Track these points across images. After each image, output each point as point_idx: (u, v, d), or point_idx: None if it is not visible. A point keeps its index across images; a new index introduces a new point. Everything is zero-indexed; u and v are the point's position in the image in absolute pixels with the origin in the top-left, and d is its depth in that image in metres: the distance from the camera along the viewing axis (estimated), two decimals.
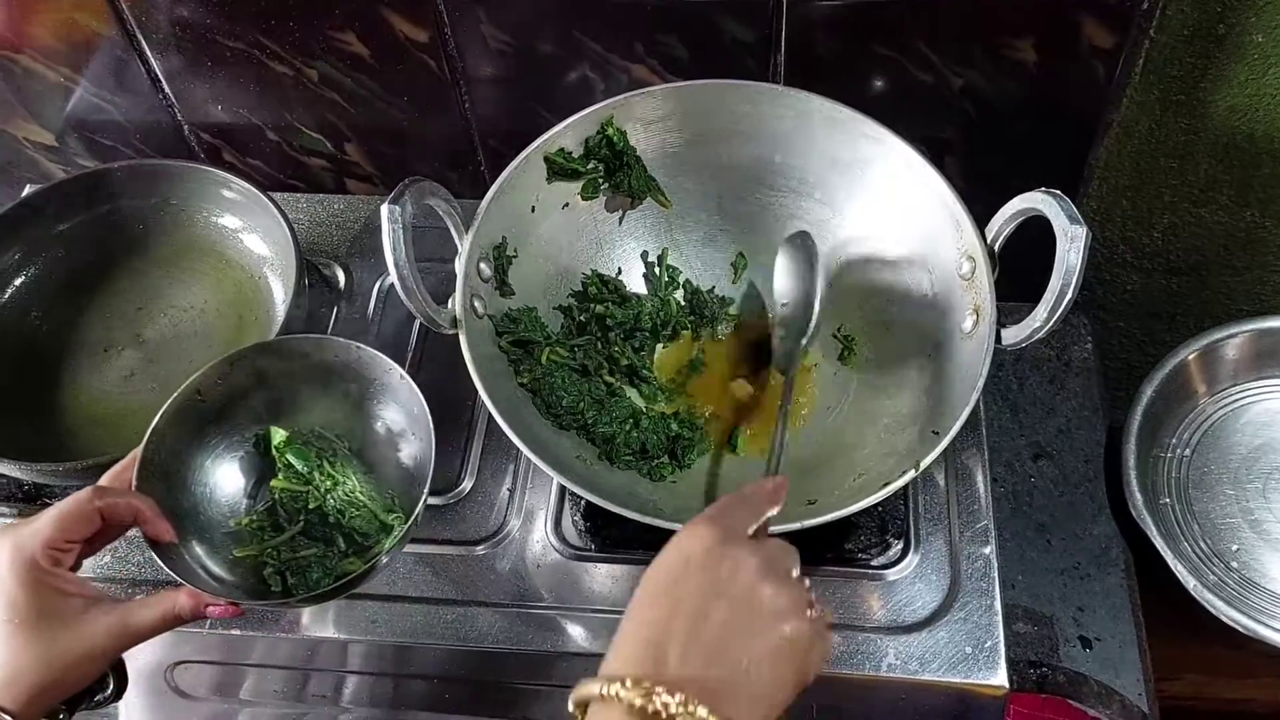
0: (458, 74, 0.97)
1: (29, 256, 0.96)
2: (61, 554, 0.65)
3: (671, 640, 0.52)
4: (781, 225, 0.91)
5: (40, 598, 0.64)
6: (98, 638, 0.65)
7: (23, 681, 0.63)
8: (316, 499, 0.78)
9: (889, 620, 0.80)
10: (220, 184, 0.96)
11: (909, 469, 0.71)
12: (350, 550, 0.78)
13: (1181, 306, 1.15)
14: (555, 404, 0.81)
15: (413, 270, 0.74)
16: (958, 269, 0.80)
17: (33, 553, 0.64)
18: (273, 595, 0.76)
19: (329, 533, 0.79)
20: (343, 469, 0.79)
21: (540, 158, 0.84)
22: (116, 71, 1.01)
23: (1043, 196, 0.71)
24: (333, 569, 0.77)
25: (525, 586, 0.83)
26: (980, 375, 0.72)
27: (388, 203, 0.72)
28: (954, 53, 0.89)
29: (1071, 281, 0.69)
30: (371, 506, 0.78)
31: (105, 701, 0.85)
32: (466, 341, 0.76)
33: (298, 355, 0.80)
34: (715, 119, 0.86)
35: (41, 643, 0.63)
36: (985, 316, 0.76)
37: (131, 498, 0.70)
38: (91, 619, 0.65)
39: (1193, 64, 0.91)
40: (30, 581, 0.64)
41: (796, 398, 0.87)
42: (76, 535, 0.66)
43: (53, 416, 0.90)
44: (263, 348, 0.80)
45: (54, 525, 0.65)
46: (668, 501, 0.80)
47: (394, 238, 0.72)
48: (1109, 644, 0.93)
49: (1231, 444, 1.03)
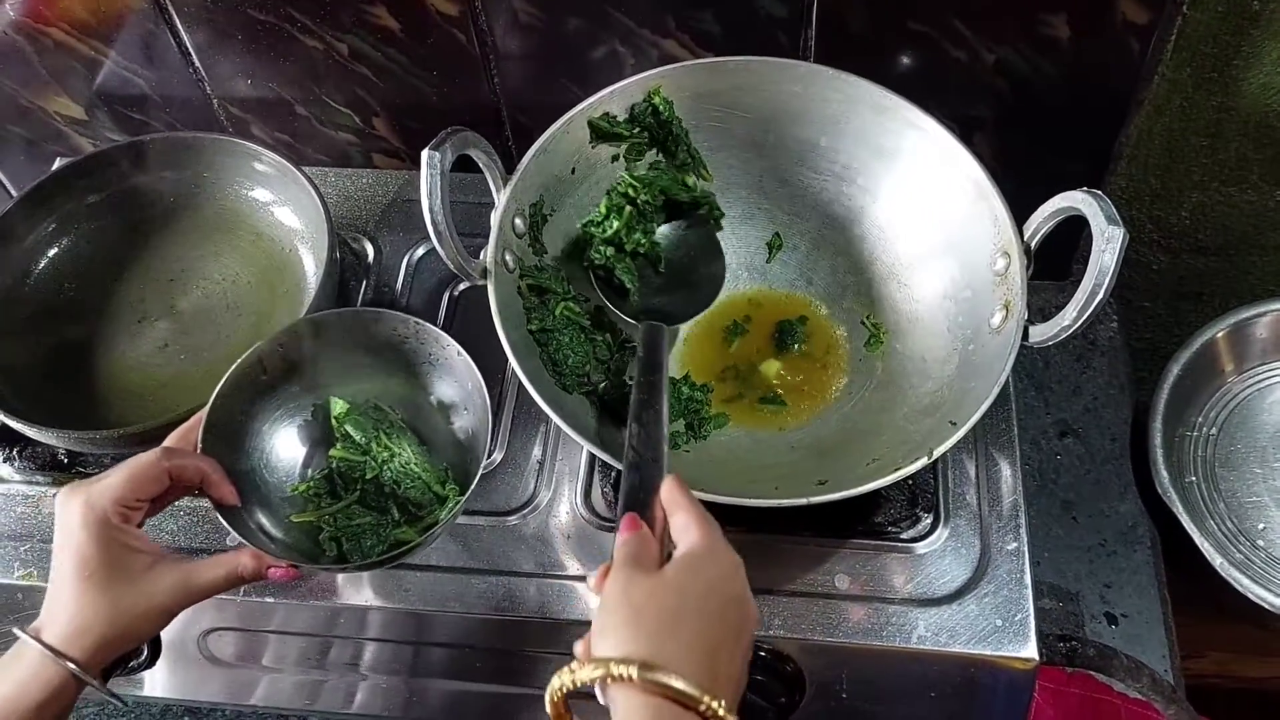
0: (487, 48, 0.97)
1: (62, 228, 0.96)
2: (130, 511, 0.67)
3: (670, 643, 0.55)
4: (821, 209, 0.91)
5: (109, 553, 0.65)
6: (163, 594, 0.66)
7: (91, 633, 0.64)
8: (373, 469, 0.79)
9: (919, 593, 0.80)
10: (252, 157, 0.96)
11: (922, 456, 0.71)
12: (404, 520, 0.80)
13: (1209, 286, 1.15)
14: (561, 362, 0.82)
15: (448, 217, 0.75)
16: (991, 264, 0.79)
17: (103, 509, 0.65)
18: (328, 560, 0.77)
19: (384, 502, 0.80)
20: (398, 441, 0.80)
21: (584, 121, 0.84)
22: (147, 44, 1.02)
23: (1083, 196, 0.71)
24: (386, 537, 0.78)
25: (554, 556, 0.84)
26: (1004, 371, 0.72)
27: (428, 149, 0.73)
28: (988, 29, 0.88)
29: (1104, 282, 0.69)
30: (426, 478, 0.79)
31: (139, 667, 0.86)
32: (494, 294, 0.77)
33: (357, 328, 0.81)
34: (763, 97, 0.86)
35: (109, 596, 0.65)
36: (1015, 313, 0.76)
37: (198, 460, 0.72)
38: (158, 575, 0.67)
39: (1226, 41, 0.91)
40: (100, 537, 0.65)
41: (823, 380, 0.88)
42: (145, 494, 0.68)
43: (87, 386, 0.91)
44: (323, 319, 0.81)
45: (124, 483, 0.66)
46: (686, 474, 0.81)
47: (431, 183, 0.73)
48: (1135, 620, 0.93)
49: (1259, 423, 1.03)
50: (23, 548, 0.86)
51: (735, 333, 0.91)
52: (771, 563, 0.82)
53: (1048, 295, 1.04)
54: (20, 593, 0.85)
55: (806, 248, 0.92)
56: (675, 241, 0.88)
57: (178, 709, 0.98)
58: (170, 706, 0.98)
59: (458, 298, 0.99)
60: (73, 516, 0.65)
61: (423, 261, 1.02)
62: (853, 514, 0.83)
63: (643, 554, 0.59)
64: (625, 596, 0.57)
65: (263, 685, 0.89)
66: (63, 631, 0.64)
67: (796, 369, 0.89)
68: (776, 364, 0.89)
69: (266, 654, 0.87)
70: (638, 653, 0.54)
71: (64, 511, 0.66)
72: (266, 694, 0.89)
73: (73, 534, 0.65)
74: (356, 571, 0.83)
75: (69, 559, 0.65)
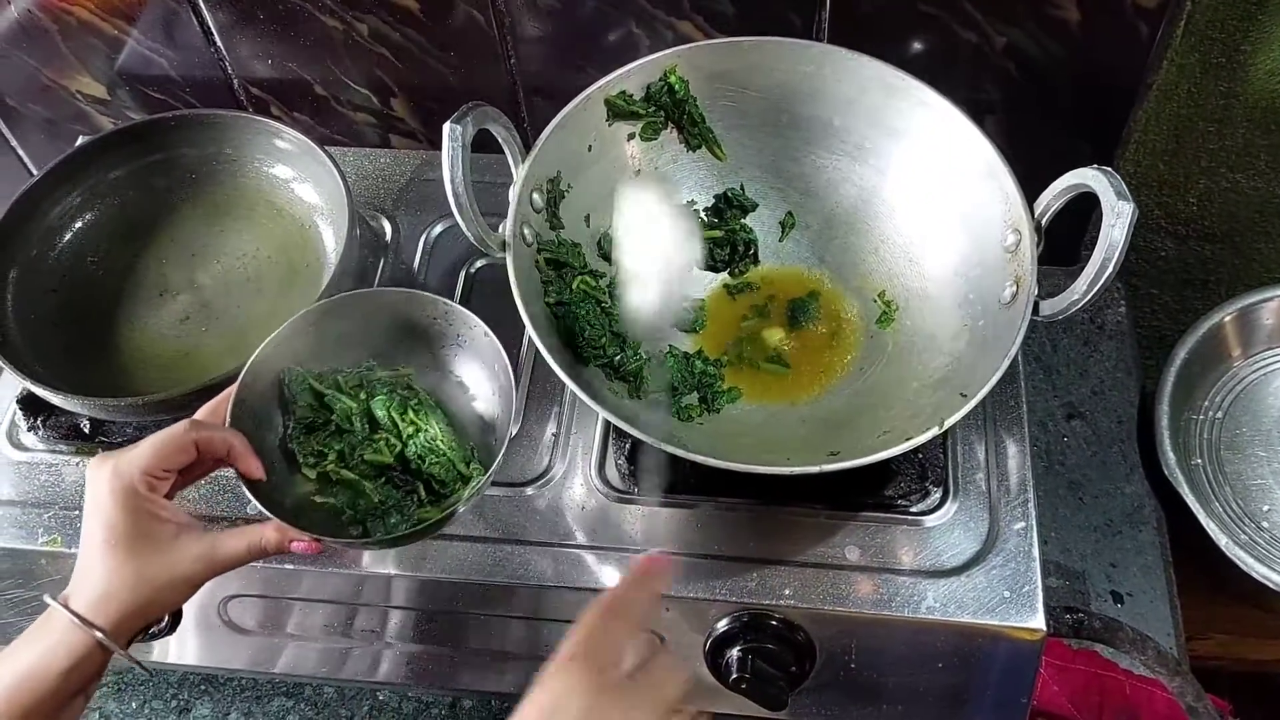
0: (504, 29, 0.99)
1: (86, 202, 0.98)
2: (158, 481, 0.68)
3: None
4: (834, 189, 0.92)
5: (136, 521, 0.66)
6: (188, 563, 0.67)
7: (115, 600, 0.65)
8: (398, 444, 0.80)
9: (928, 565, 0.81)
10: (272, 134, 0.97)
11: (933, 426, 0.72)
12: (429, 498, 0.80)
13: (1215, 273, 1.16)
14: (578, 334, 0.83)
15: (468, 189, 0.76)
16: (1002, 240, 0.80)
17: (131, 478, 0.66)
18: (351, 536, 0.78)
19: (409, 479, 0.81)
20: (425, 418, 0.81)
21: (601, 99, 0.86)
22: (169, 24, 1.03)
23: (1093, 173, 0.72)
24: (410, 515, 0.79)
25: (569, 527, 0.85)
26: (1014, 344, 0.73)
27: (450, 122, 0.74)
28: (998, 11, 0.90)
29: (1114, 256, 0.70)
30: (451, 456, 0.80)
31: (160, 634, 0.88)
32: (513, 266, 0.78)
33: (387, 306, 0.83)
34: (777, 77, 0.87)
35: (135, 564, 0.66)
36: (1025, 288, 0.76)
37: (225, 432, 0.72)
38: (183, 545, 0.67)
39: (1235, 26, 0.92)
40: (128, 505, 0.66)
41: (834, 356, 0.89)
42: (173, 464, 0.68)
43: (110, 357, 0.93)
44: (352, 299, 0.82)
45: (152, 453, 0.67)
46: (699, 445, 0.82)
47: (453, 155, 0.74)
48: (1140, 599, 0.94)
49: (1264, 407, 1.04)
50: (46, 514, 0.88)
51: (748, 309, 0.92)
52: (783, 535, 0.83)
53: (1057, 280, 1.05)
54: (44, 559, 0.86)
55: (819, 226, 0.93)
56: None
57: (195, 677, 1.00)
58: (188, 675, 1.00)
59: (474, 274, 1.00)
60: (101, 485, 0.66)
61: (440, 240, 1.03)
62: (863, 487, 0.84)
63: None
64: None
65: (282, 654, 0.90)
66: (90, 599, 0.65)
67: (808, 344, 0.90)
68: (780, 331, 0.90)
69: (286, 622, 0.88)
70: None
71: (93, 481, 0.67)
72: (285, 662, 0.90)
73: (101, 503, 0.66)
74: (377, 548, 0.84)
75: (97, 528, 0.66)
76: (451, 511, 0.76)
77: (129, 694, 0.99)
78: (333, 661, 0.90)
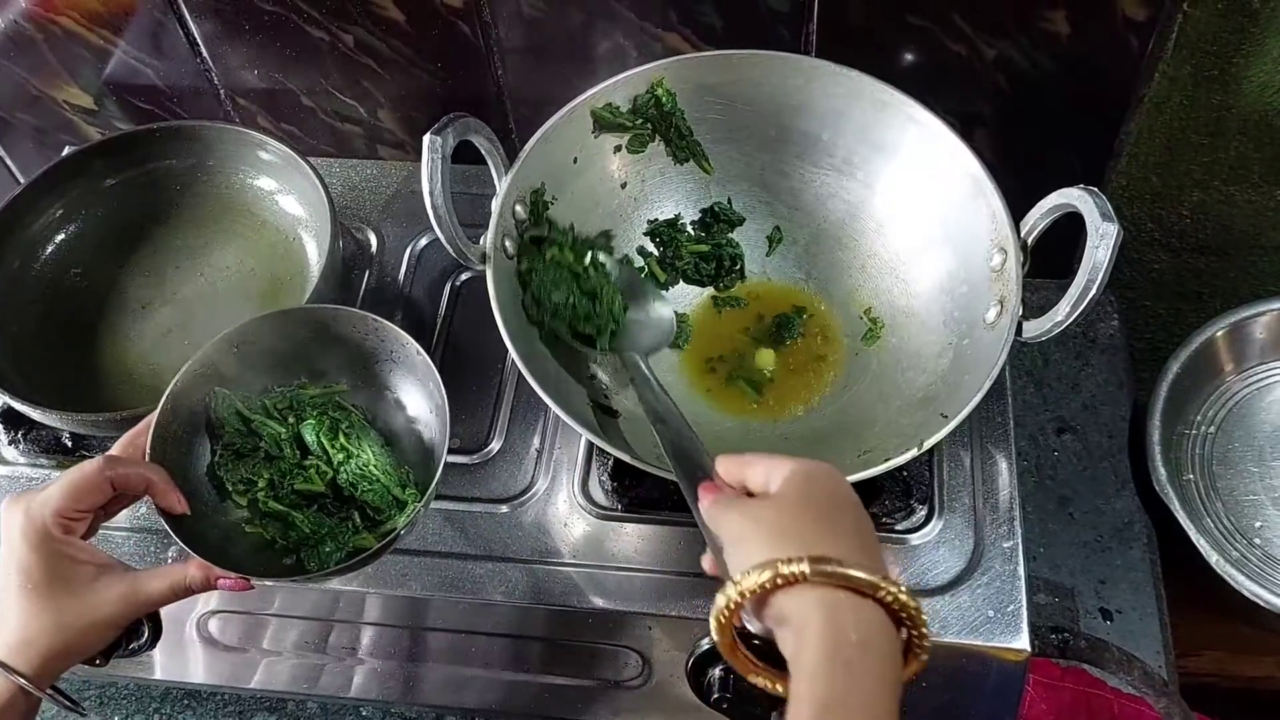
0: (491, 40, 0.98)
1: (69, 214, 0.98)
2: (72, 522, 0.66)
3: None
4: (822, 204, 0.91)
5: (52, 564, 0.64)
6: (108, 605, 0.66)
7: (36, 645, 0.64)
8: (329, 471, 0.78)
9: (912, 583, 0.80)
10: (256, 146, 0.97)
11: (912, 447, 0.72)
12: (364, 525, 0.78)
13: (1209, 286, 1.15)
14: (544, 299, 0.81)
15: (448, 202, 0.76)
16: (988, 259, 0.80)
17: (44, 520, 0.65)
18: (285, 565, 0.76)
19: (344, 508, 0.78)
20: (358, 441, 0.79)
21: (587, 110, 0.85)
22: (155, 34, 1.03)
23: (1079, 193, 0.72)
24: (345, 544, 0.76)
25: (551, 544, 0.84)
26: (996, 365, 0.73)
27: (430, 133, 0.74)
28: (987, 24, 0.89)
29: (1097, 278, 0.69)
30: (385, 481, 0.78)
31: (140, 650, 0.87)
32: (493, 279, 0.77)
33: (313, 324, 0.80)
34: (767, 90, 0.87)
35: (54, 608, 0.64)
36: (1009, 309, 0.76)
37: (143, 468, 0.70)
38: (102, 586, 0.66)
39: (1226, 39, 0.91)
40: (42, 549, 0.64)
41: (818, 372, 0.88)
42: (87, 504, 0.66)
43: (92, 370, 0.92)
44: (275, 317, 0.79)
45: (65, 494, 0.65)
46: None
47: (432, 167, 0.74)
48: (1130, 616, 0.93)
49: (1257, 422, 1.03)
50: None
51: (739, 328, 0.91)
52: None
53: (1048, 293, 1.04)
54: None
55: (806, 241, 0.92)
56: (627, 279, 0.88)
57: (178, 691, 0.99)
58: (171, 689, 0.99)
59: (459, 288, 0.99)
60: (14, 528, 0.65)
61: (425, 252, 1.02)
62: None
63: (739, 499, 0.58)
64: (756, 521, 0.54)
65: (262, 669, 0.90)
66: (8, 644, 0.63)
67: (792, 361, 0.89)
68: (771, 353, 0.89)
69: (265, 638, 0.88)
70: (799, 551, 0.50)
71: (5, 524, 0.65)
72: (266, 678, 0.90)
73: (14, 546, 0.64)
74: (312, 581, 0.81)
75: (12, 571, 0.64)
76: (389, 541, 0.73)
77: (111, 708, 0.99)
78: (314, 677, 0.89)
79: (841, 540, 0.53)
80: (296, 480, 0.78)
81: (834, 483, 0.57)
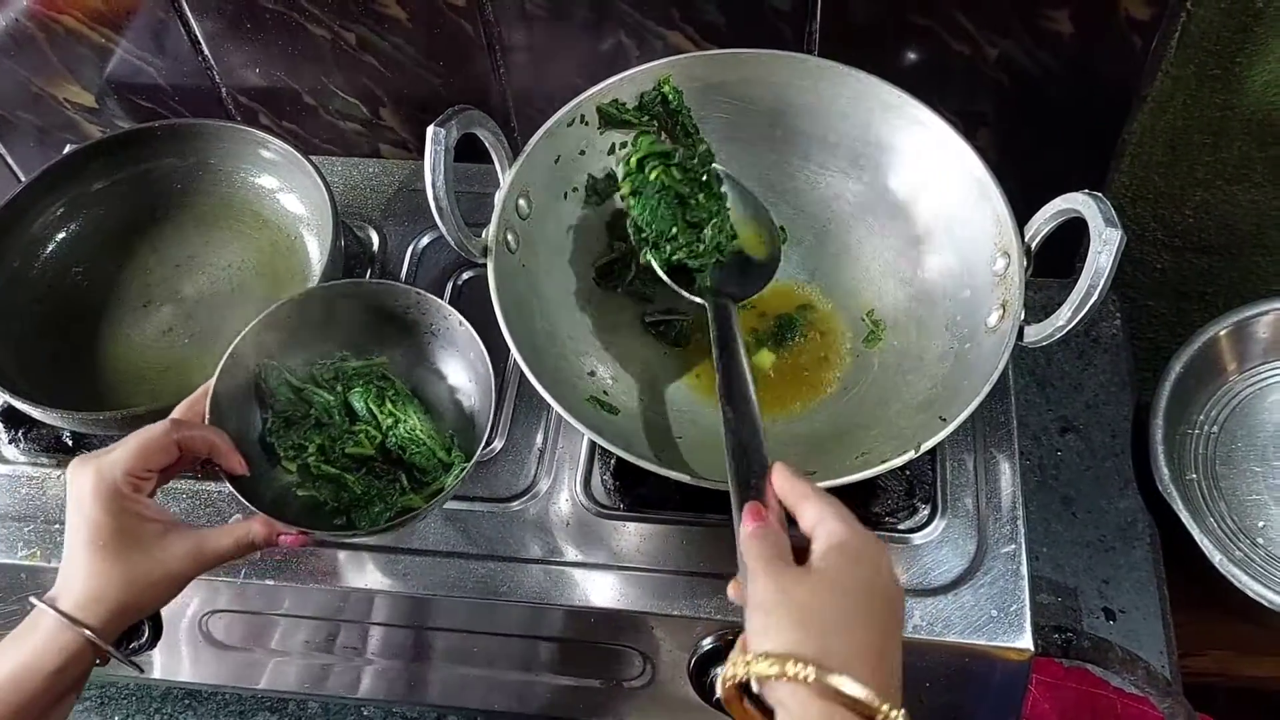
0: (493, 38, 0.98)
1: (71, 213, 0.97)
2: (141, 481, 0.68)
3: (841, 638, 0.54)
4: (827, 204, 0.91)
5: (122, 522, 0.66)
6: (176, 561, 0.67)
7: (106, 600, 0.65)
8: (378, 435, 0.80)
9: (914, 583, 0.80)
10: (258, 144, 0.97)
11: (910, 450, 0.72)
12: (411, 486, 0.80)
13: (1212, 286, 1.15)
14: (646, 225, 0.83)
15: (450, 194, 0.76)
16: (991, 263, 0.80)
17: (114, 479, 0.66)
18: (335, 526, 0.78)
19: (392, 469, 0.81)
20: (404, 408, 0.81)
21: (593, 106, 0.85)
22: (157, 33, 1.03)
23: (1083, 198, 0.71)
24: (394, 504, 0.79)
25: (554, 543, 0.84)
26: (997, 370, 0.73)
27: (434, 125, 0.74)
28: (991, 23, 0.89)
29: (1099, 284, 0.69)
30: (431, 444, 0.80)
31: (141, 649, 0.87)
32: (494, 272, 0.77)
33: (360, 297, 0.82)
34: (773, 90, 0.87)
35: (124, 565, 0.66)
36: (1011, 313, 0.76)
37: (206, 430, 0.72)
38: (170, 543, 0.67)
39: (1230, 38, 0.91)
40: (112, 507, 0.66)
41: (819, 374, 0.88)
42: (155, 464, 0.68)
43: (93, 369, 0.92)
44: (326, 290, 0.82)
45: (134, 454, 0.67)
46: (680, 462, 0.81)
47: (435, 159, 0.74)
48: (1133, 616, 0.93)
49: (1260, 422, 1.03)
50: (27, 528, 0.87)
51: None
52: None
53: (1052, 293, 1.04)
54: (24, 573, 0.86)
55: (810, 242, 0.92)
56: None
57: (179, 691, 0.99)
58: (172, 689, 0.99)
59: (461, 286, 0.99)
60: (84, 487, 0.66)
61: (427, 250, 1.02)
62: (849, 504, 0.82)
63: (781, 547, 0.58)
64: (786, 595, 0.55)
65: (263, 669, 0.90)
66: (78, 599, 0.65)
67: (793, 361, 0.89)
68: (769, 354, 0.89)
69: (266, 637, 0.88)
70: (810, 654, 0.52)
71: (75, 483, 0.67)
72: (267, 678, 0.90)
73: (84, 505, 0.66)
74: (365, 536, 0.83)
75: (82, 529, 0.66)
76: (435, 499, 0.76)
77: (111, 708, 0.99)
78: (315, 677, 0.89)
79: (862, 639, 0.54)
80: (347, 445, 0.80)
81: (875, 570, 0.57)
